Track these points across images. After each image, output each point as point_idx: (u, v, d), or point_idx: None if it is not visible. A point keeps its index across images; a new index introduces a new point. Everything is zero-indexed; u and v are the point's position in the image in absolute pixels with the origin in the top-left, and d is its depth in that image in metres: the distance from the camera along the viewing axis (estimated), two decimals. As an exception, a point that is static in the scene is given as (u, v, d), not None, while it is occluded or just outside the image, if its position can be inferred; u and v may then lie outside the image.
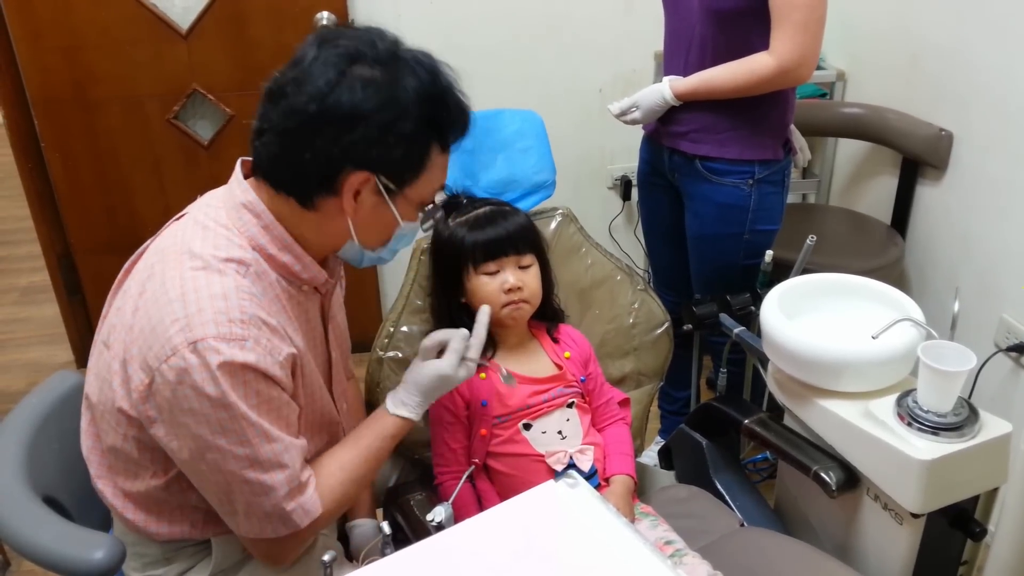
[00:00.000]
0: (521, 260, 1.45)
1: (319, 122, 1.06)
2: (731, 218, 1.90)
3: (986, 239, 2.13)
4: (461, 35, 2.72)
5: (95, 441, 1.21)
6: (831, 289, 1.57)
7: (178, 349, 1.03)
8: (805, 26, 1.68)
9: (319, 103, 1.06)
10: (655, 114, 1.91)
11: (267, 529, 1.14)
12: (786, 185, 1.95)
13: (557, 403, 1.47)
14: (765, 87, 1.77)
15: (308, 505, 1.15)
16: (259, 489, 1.10)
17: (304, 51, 1.10)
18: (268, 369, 1.07)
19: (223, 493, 1.12)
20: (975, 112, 2.14)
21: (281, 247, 1.14)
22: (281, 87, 1.09)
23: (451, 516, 1.31)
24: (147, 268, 1.14)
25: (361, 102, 1.06)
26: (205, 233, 1.12)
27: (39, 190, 2.69)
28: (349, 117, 1.06)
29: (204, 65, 2.53)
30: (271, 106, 1.10)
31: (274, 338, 1.09)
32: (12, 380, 2.94)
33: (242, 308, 1.06)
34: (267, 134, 1.10)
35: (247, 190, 1.14)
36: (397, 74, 1.08)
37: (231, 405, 1.05)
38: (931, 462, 1.27)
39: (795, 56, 1.70)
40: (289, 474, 1.12)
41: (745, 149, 1.85)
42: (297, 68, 1.09)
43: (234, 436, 1.07)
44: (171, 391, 1.04)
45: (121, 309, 1.14)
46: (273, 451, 1.10)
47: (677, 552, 1.39)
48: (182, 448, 1.08)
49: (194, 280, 1.07)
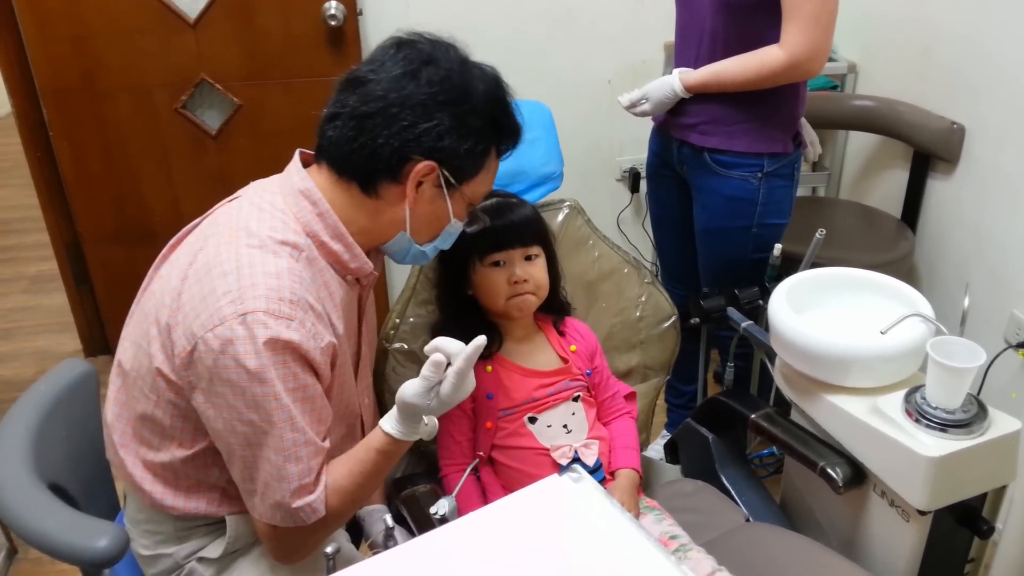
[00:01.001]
0: (527, 252, 1.44)
1: (396, 108, 1.13)
2: (739, 211, 1.89)
3: (997, 234, 2.12)
4: (469, 25, 2.68)
5: (122, 408, 1.23)
6: (840, 283, 1.56)
7: (226, 319, 1.06)
8: (816, 19, 1.67)
9: (398, 91, 1.13)
10: (665, 106, 1.90)
11: (276, 516, 1.15)
12: (796, 179, 1.93)
13: (563, 396, 1.47)
14: (775, 80, 1.75)
15: (316, 504, 1.15)
16: (276, 474, 1.12)
17: (383, 51, 1.19)
18: (309, 352, 1.10)
19: (248, 468, 1.13)
20: (987, 106, 2.13)
21: (333, 235, 1.18)
22: (359, 76, 1.16)
23: (455, 509, 1.31)
24: (199, 240, 1.17)
25: (437, 94, 1.14)
26: (261, 215, 1.16)
27: (48, 179, 2.70)
28: (425, 106, 1.13)
29: (212, 55, 2.53)
30: (348, 93, 1.16)
31: (318, 324, 1.13)
32: (20, 368, 2.95)
33: (292, 289, 1.10)
34: (341, 118, 1.16)
35: (305, 178, 1.19)
36: (468, 75, 1.18)
37: (267, 381, 1.07)
38: (939, 459, 1.26)
39: (806, 49, 1.69)
40: (301, 469, 1.12)
41: (754, 142, 1.84)
42: (376, 62, 1.17)
43: (264, 413, 1.08)
44: (213, 360, 1.07)
45: (166, 277, 1.17)
46: (294, 440, 1.11)
47: (682, 547, 1.39)
48: (217, 417, 1.10)
49: (249, 256, 1.10)
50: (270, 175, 1.30)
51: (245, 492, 1.16)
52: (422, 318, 1.60)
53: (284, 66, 2.57)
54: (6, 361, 3.01)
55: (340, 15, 2.50)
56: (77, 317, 2.96)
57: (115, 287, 2.78)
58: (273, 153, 2.63)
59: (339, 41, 2.56)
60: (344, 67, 1.19)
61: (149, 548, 1.28)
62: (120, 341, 1.25)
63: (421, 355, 1.57)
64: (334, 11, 2.49)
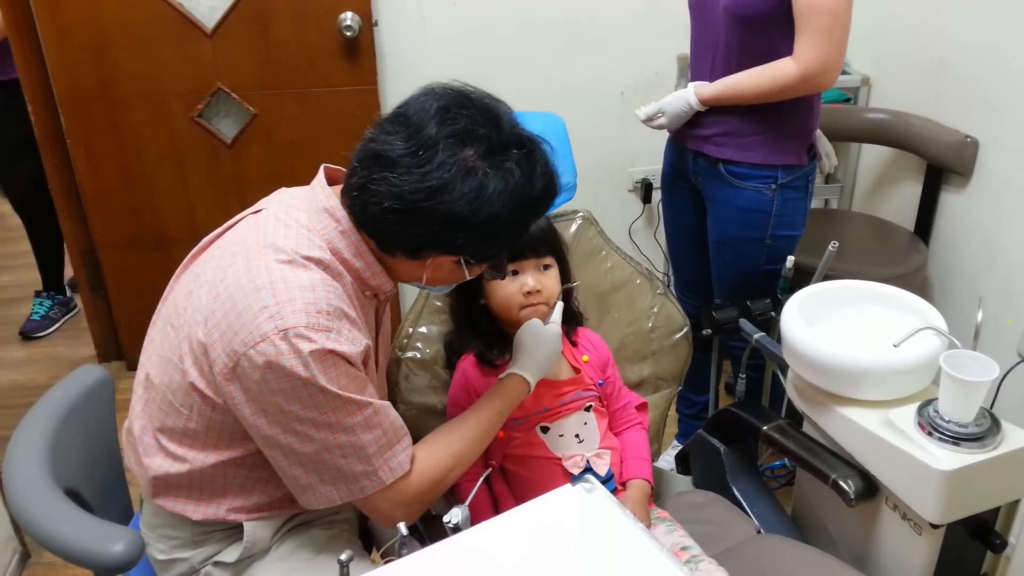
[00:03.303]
0: (542, 262, 1.45)
1: (423, 217, 1.09)
2: (753, 223, 1.90)
3: (1011, 247, 2.11)
4: (484, 36, 2.72)
5: (148, 421, 1.24)
6: (852, 296, 1.56)
7: (268, 336, 1.07)
8: (829, 32, 1.68)
9: (427, 200, 1.07)
10: (681, 120, 1.91)
11: (355, 490, 1.17)
12: (810, 191, 1.94)
13: (575, 406, 1.47)
14: (788, 93, 1.76)
15: (394, 462, 1.18)
16: (349, 450, 1.14)
17: (422, 119, 1.10)
18: (351, 356, 1.13)
19: (311, 464, 1.15)
20: (1001, 119, 2.12)
21: (355, 252, 1.18)
22: (391, 158, 1.09)
23: (467, 518, 1.31)
24: (227, 256, 1.17)
25: (467, 214, 1.08)
26: (287, 232, 1.17)
27: (64, 186, 2.72)
28: (454, 221, 1.09)
29: (229, 64, 2.55)
30: (376, 168, 1.10)
31: (354, 329, 1.15)
32: (36, 374, 2.97)
33: (328, 300, 1.11)
34: (366, 193, 1.11)
35: (330, 195, 1.19)
36: (503, 183, 1.09)
37: (322, 387, 1.09)
38: (952, 472, 1.25)
39: (819, 63, 1.70)
40: (380, 433, 1.16)
41: (769, 154, 1.85)
42: (412, 141, 1.09)
43: (326, 407, 1.11)
44: (260, 375, 1.08)
45: (194, 293, 1.17)
46: (364, 416, 1.14)
47: (693, 558, 1.39)
48: (271, 424, 1.12)
49: (281, 271, 1.11)
50: (284, 184, 1.31)
51: (307, 488, 1.17)
52: (435, 327, 1.61)
53: (299, 76, 2.59)
54: (21, 367, 3.03)
55: (356, 26, 2.52)
56: (92, 323, 2.97)
57: (130, 294, 2.80)
58: (288, 162, 2.69)
59: (354, 52, 2.58)
60: (359, 78, 1.18)
61: (165, 553, 1.29)
62: (144, 349, 1.26)
63: (434, 364, 1.59)
64: (350, 22, 2.51)
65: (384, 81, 2.69)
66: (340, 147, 1.21)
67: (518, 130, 1.15)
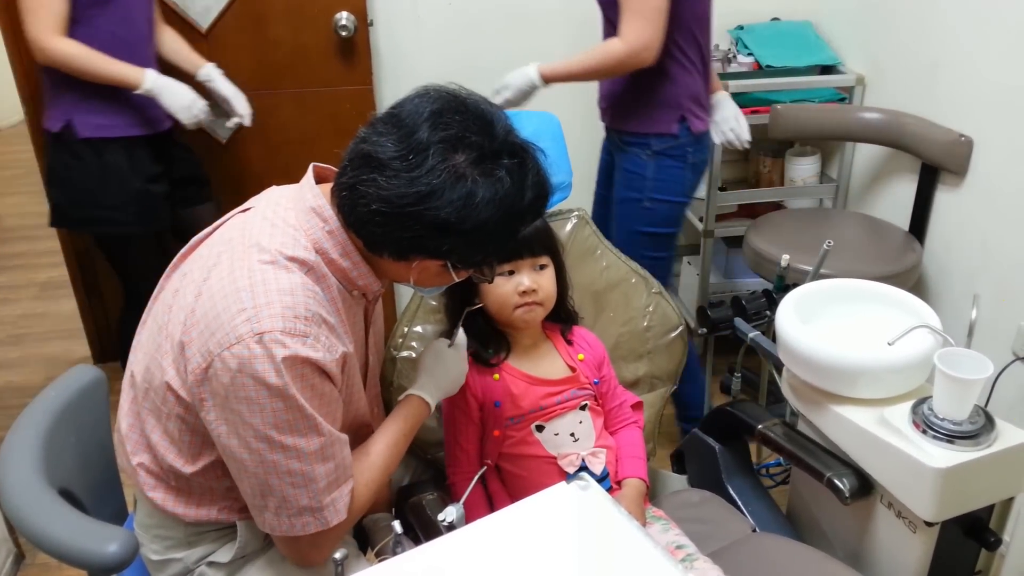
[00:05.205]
0: (537, 262, 1.45)
1: (409, 222, 1.08)
2: (633, 184, 2.10)
3: (1005, 246, 2.12)
4: (479, 36, 2.72)
5: (135, 419, 1.23)
6: (847, 294, 1.57)
7: (243, 338, 1.06)
8: (643, 14, 1.88)
9: (415, 205, 1.07)
10: (525, 95, 2.07)
11: (296, 525, 1.15)
12: (690, 162, 2.08)
13: (570, 405, 1.47)
14: (619, 69, 1.97)
15: (340, 504, 1.16)
16: (300, 480, 1.12)
17: (415, 122, 1.09)
18: (326, 365, 1.11)
19: (259, 484, 1.13)
20: (995, 118, 2.13)
21: (342, 252, 1.17)
22: (381, 160, 1.08)
23: (462, 516, 1.31)
24: (213, 255, 1.17)
25: (454, 221, 1.07)
26: (273, 230, 1.15)
27: (59, 186, 2.71)
28: (440, 227, 1.08)
29: (224, 64, 2.53)
30: (366, 169, 1.09)
31: (332, 336, 1.14)
32: (30, 375, 2.97)
33: (307, 305, 1.10)
34: (355, 194, 1.10)
35: (318, 195, 1.17)
36: (492, 191, 1.08)
37: (290, 396, 1.08)
38: (946, 470, 1.26)
39: (641, 40, 1.89)
40: (332, 467, 1.14)
41: (641, 123, 2.06)
42: (403, 144, 1.08)
43: (286, 426, 1.09)
44: (230, 378, 1.07)
45: (180, 291, 1.17)
46: (320, 444, 1.12)
47: (688, 556, 1.39)
48: (230, 434, 1.11)
49: (262, 273, 1.10)
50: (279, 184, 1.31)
51: (255, 508, 1.16)
52: (430, 327, 1.61)
53: (295, 76, 2.58)
54: (16, 367, 3.02)
55: (351, 26, 2.52)
56: (86, 324, 2.97)
57: (125, 294, 2.79)
58: (283, 162, 2.68)
59: (350, 51, 2.57)
60: (355, 78, 1.18)
61: (159, 553, 1.29)
62: (132, 350, 1.26)
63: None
64: (345, 22, 2.51)
65: (380, 81, 2.69)
66: (336, 146, 1.21)
67: (512, 137, 1.13)
